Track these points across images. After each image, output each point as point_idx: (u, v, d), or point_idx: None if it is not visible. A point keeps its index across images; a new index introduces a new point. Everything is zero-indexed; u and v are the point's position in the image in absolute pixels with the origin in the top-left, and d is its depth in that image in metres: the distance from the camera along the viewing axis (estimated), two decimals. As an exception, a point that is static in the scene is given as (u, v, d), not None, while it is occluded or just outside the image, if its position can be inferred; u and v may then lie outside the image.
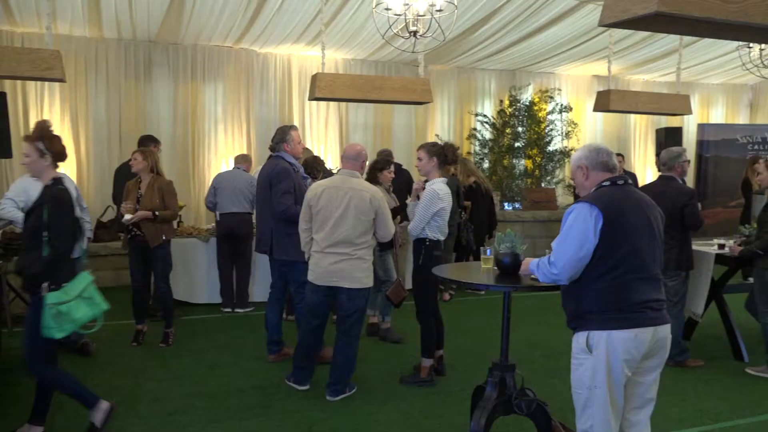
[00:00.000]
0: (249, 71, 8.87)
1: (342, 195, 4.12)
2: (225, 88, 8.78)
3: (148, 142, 6.27)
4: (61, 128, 8.00)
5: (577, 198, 8.34)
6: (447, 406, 4.18)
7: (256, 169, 6.48)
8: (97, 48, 8.14)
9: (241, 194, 6.44)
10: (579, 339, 2.62)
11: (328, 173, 6.55)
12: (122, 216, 5.19)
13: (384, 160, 5.70)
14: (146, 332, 5.52)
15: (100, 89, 8.21)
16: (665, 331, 2.63)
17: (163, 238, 5.29)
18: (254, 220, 6.75)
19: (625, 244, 2.53)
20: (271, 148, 4.93)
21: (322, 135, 9.42)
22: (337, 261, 4.11)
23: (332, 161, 9.23)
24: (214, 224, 6.79)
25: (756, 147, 10.14)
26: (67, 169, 7.93)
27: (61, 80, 5.45)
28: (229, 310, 6.57)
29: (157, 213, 5.17)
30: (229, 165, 8.19)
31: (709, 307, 5.34)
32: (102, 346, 5.27)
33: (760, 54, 7.19)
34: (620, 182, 2.69)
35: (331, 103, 9.22)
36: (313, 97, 5.75)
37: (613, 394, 2.57)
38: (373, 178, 5.40)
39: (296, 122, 9.21)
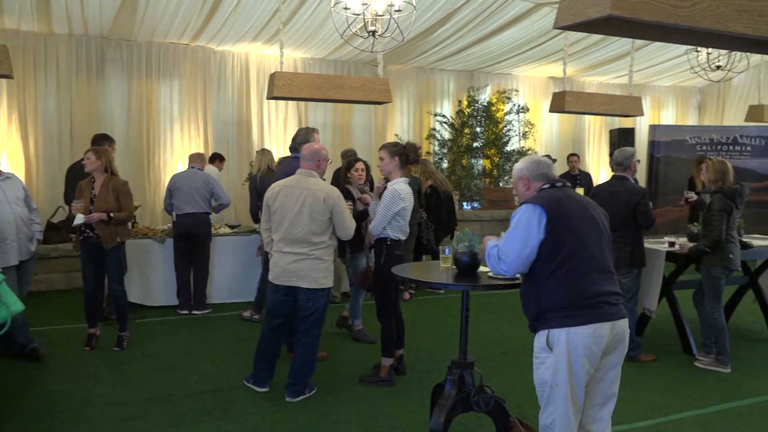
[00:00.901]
0: (206, 69, 8.73)
1: (297, 195, 4.11)
2: (181, 86, 8.62)
3: (102, 141, 6.10)
4: (8, 126, 7.74)
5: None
6: (407, 404, 4.20)
7: (265, 170, 6.36)
8: (46, 43, 7.90)
9: (198, 194, 6.34)
10: (539, 338, 2.66)
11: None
12: (74, 217, 5.04)
13: (347, 159, 5.74)
14: (99, 336, 5.38)
15: (50, 86, 7.96)
16: (623, 325, 2.69)
17: (118, 239, 5.16)
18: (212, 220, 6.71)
19: (572, 238, 2.60)
20: (293, 148, 5.03)
21: (281, 134, 9.34)
22: (295, 261, 4.10)
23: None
24: (170, 225, 6.67)
25: (704, 147, 10.47)
26: (16, 168, 7.67)
27: (9, 76, 5.25)
28: (186, 312, 6.45)
29: (112, 214, 5.05)
30: (186, 164, 8.04)
31: (660, 302, 5.49)
32: (53, 351, 5.12)
33: (708, 58, 7.45)
34: (558, 184, 2.79)
35: (290, 103, 9.16)
36: (271, 96, 5.69)
37: (574, 390, 2.61)
38: (345, 178, 5.45)
39: (254, 121, 9.13)
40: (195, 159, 6.73)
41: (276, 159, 6.84)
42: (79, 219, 4.99)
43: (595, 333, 2.57)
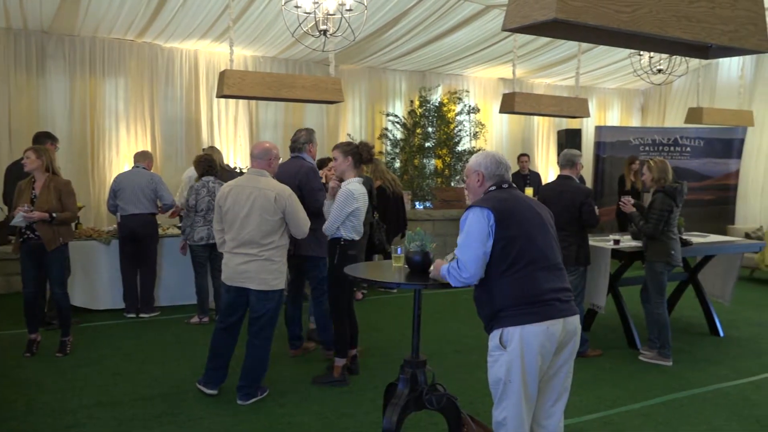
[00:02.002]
0: (153, 66, 8.52)
1: (247, 195, 4.07)
2: (127, 83, 8.39)
3: (44, 140, 5.88)
4: (-59, 123, 7.39)
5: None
6: (360, 404, 4.20)
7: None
8: (-18, 38, 7.57)
9: (142, 194, 6.18)
10: (494, 337, 2.70)
11: (233, 173, 6.43)
12: (13, 217, 4.85)
13: (319, 160, 5.79)
14: (41, 342, 5.19)
15: (-14, 82, 7.63)
16: (575, 321, 2.75)
17: (61, 240, 4.99)
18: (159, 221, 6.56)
19: (521, 237, 2.65)
20: (294, 149, 5.06)
21: (231, 133, 9.20)
22: (245, 262, 4.06)
23: (242, 160, 9.05)
24: (116, 226, 6.48)
25: (647, 148, 10.83)
26: (-50, 167, 7.32)
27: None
28: (133, 315, 6.29)
29: (54, 215, 4.87)
30: (132, 164, 7.83)
31: (606, 299, 5.65)
32: (-9, 358, 4.92)
33: (650, 62, 7.70)
34: (504, 186, 2.86)
35: (241, 101, 9.04)
36: (221, 95, 5.59)
37: (527, 387, 2.65)
38: None
39: (204, 120, 8.96)
40: (140, 158, 6.52)
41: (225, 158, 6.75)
42: (19, 219, 4.80)
43: (548, 330, 2.62)
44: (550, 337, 2.63)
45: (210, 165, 6.08)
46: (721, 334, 6.01)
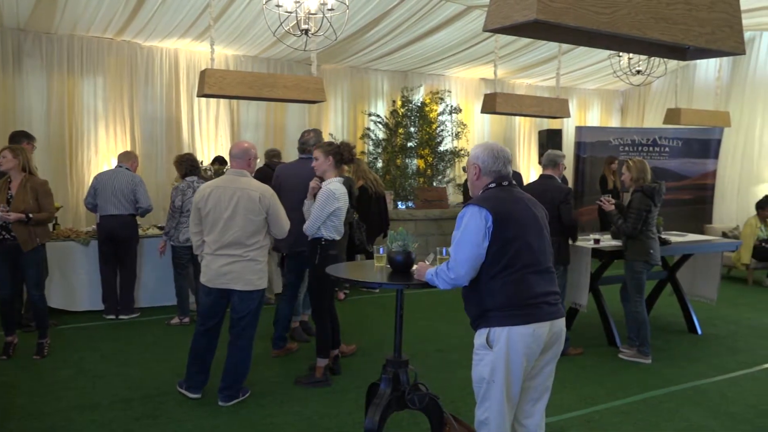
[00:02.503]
0: (132, 65, 8.43)
1: (230, 195, 4.03)
2: (106, 82, 8.29)
3: (20, 139, 5.78)
4: None
5: (466, 194, 8.58)
6: (343, 405, 4.19)
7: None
8: (-43, 35, 7.43)
9: (122, 195, 6.09)
10: (480, 336, 2.70)
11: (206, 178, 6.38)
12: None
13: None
14: (17, 344, 5.11)
15: (-39, 80, 7.49)
16: (561, 324, 2.76)
17: (37, 241, 4.92)
18: (140, 221, 6.48)
19: (517, 241, 2.63)
20: (303, 150, 5.11)
21: (212, 133, 9.14)
22: (229, 263, 4.03)
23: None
24: (94, 226, 6.40)
25: (626, 148, 10.96)
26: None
27: None
28: (112, 317, 6.21)
29: (30, 215, 4.80)
30: (111, 164, 7.75)
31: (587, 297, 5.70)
32: (-34, 361, 4.83)
33: (629, 63, 7.78)
34: (505, 183, 2.80)
35: (222, 101, 8.97)
36: (201, 94, 5.54)
37: (510, 388, 2.66)
38: None
39: (184, 120, 8.89)
40: (123, 158, 6.42)
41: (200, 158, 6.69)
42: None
43: (535, 333, 2.63)
44: (537, 340, 2.64)
45: (193, 164, 6.03)
46: (699, 331, 6.10)
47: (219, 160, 8.06)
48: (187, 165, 6.01)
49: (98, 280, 6.25)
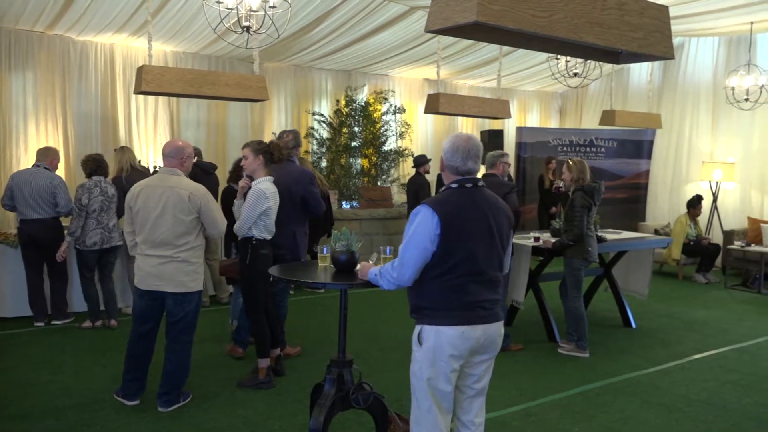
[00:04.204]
0: (65, 60, 8.09)
1: (159, 194, 3.93)
2: (36, 77, 7.93)
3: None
4: None
5: (410, 193, 8.57)
6: (287, 406, 4.15)
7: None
8: None
9: (41, 198, 5.69)
10: (415, 332, 2.71)
11: (146, 173, 6.20)
12: None
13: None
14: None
15: None
16: (497, 328, 2.73)
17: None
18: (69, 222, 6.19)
19: (461, 250, 2.60)
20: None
21: (151, 131, 8.88)
22: (159, 264, 3.92)
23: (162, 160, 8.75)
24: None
25: (565, 149, 11.28)
26: None
27: None
28: (43, 323, 5.94)
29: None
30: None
31: (527, 294, 5.84)
32: None
33: (566, 66, 8.00)
34: (468, 185, 2.71)
35: (161, 98, 8.72)
36: (139, 91, 5.37)
37: (439, 387, 2.65)
38: (237, 177, 5.38)
39: (121, 117, 8.60)
40: (41, 156, 5.92)
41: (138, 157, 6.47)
42: None
43: (463, 335, 2.61)
44: (465, 342, 2.62)
45: (99, 165, 5.79)
46: (633, 325, 6.34)
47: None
48: (92, 165, 5.77)
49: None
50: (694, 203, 9.09)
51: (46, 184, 5.74)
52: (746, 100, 8.86)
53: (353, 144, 10.24)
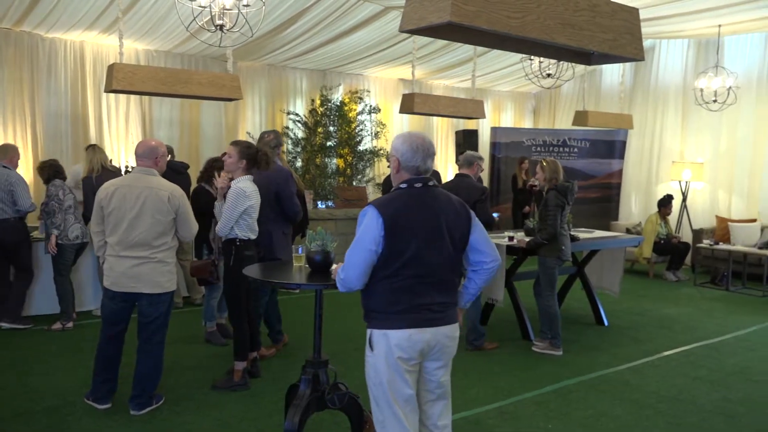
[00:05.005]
0: (33, 57, 7.93)
1: (136, 194, 3.87)
2: (3, 75, 7.75)
3: None
4: None
5: (386, 192, 8.65)
6: (262, 408, 4.13)
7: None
8: None
9: None
10: (367, 336, 2.67)
11: (118, 173, 6.11)
12: None
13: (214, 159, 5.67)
14: None
15: None
16: (448, 330, 2.66)
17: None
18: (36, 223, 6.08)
19: (407, 253, 2.54)
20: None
21: (123, 130, 8.74)
22: (135, 265, 3.86)
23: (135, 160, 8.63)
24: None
25: (538, 149, 11.40)
26: None
27: None
28: (6, 324, 5.79)
29: None
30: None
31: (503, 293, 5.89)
32: None
33: (540, 67, 8.08)
34: (417, 185, 2.64)
35: (133, 97, 8.60)
36: (109, 89, 5.28)
37: (395, 390, 2.60)
38: (209, 177, 5.38)
39: (92, 116, 8.46)
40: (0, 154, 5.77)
41: (110, 156, 6.38)
42: None
43: (411, 338, 2.56)
44: (413, 345, 2.57)
45: (57, 170, 5.81)
46: (606, 323, 6.43)
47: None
48: (50, 171, 5.77)
49: (-4, 285, 5.82)
50: (665, 202, 9.25)
51: (3, 182, 5.60)
52: (714, 101, 9.05)
53: (328, 144, 10.22)
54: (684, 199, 9.98)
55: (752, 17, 8.15)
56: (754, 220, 9.34)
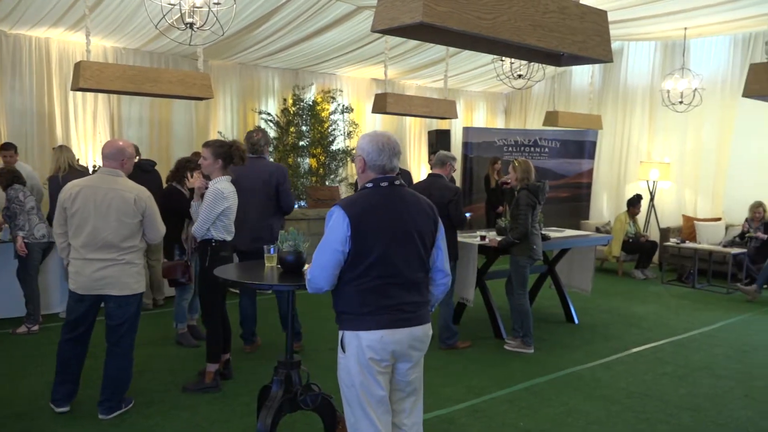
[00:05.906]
0: (-4, 54, 7.74)
1: (102, 196, 3.79)
2: (-34, 72, 7.56)
3: None
4: None
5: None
6: (234, 409, 4.09)
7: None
8: None
9: None
10: (339, 337, 2.65)
11: (86, 173, 5.99)
12: None
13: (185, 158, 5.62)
14: None
15: None
16: (420, 331, 2.65)
17: None
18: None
19: (374, 252, 2.52)
20: (255, 151, 5.05)
21: (90, 129, 8.58)
22: (103, 267, 3.79)
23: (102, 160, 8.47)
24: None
25: (510, 149, 11.50)
26: None
27: None
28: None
29: None
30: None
31: (474, 292, 5.92)
32: None
33: (511, 67, 8.16)
34: (384, 184, 2.62)
35: (101, 95, 8.45)
36: (76, 87, 5.18)
37: (368, 391, 2.58)
38: (181, 177, 5.36)
39: (58, 114, 8.28)
40: None
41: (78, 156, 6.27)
42: None
43: (383, 339, 2.55)
44: (385, 346, 2.56)
45: (15, 176, 5.73)
46: (576, 321, 6.52)
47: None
48: (9, 176, 5.71)
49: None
50: (634, 202, 9.41)
51: None
52: (681, 102, 9.24)
53: (301, 143, 10.16)
54: (652, 199, 10.16)
55: (717, 20, 8.34)
56: (719, 219, 9.56)
